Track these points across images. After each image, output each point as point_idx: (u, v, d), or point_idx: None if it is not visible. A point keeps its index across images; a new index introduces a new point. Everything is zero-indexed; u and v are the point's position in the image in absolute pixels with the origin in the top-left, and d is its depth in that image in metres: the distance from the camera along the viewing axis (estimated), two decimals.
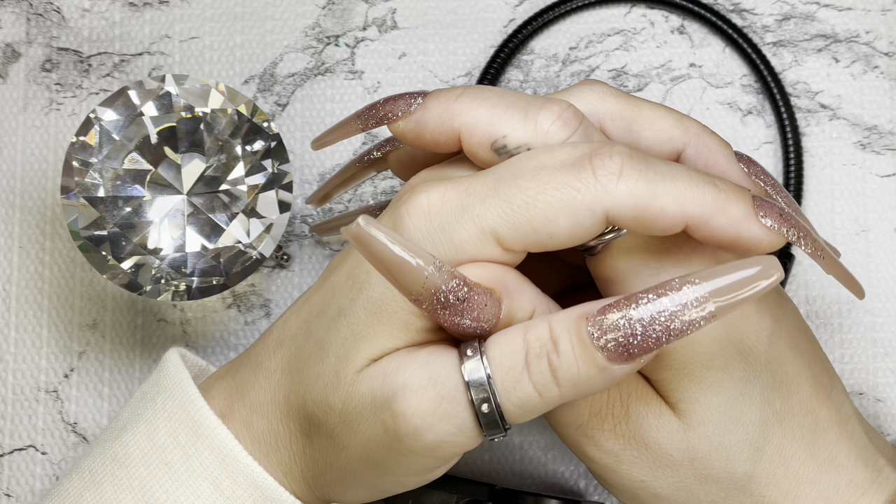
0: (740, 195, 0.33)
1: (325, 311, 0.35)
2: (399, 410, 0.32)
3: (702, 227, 0.33)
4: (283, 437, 0.36)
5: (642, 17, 0.51)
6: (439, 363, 0.33)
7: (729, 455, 0.36)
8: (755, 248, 0.33)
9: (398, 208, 0.34)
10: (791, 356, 0.36)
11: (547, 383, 0.32)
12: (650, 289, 0.31)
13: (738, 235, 0.33)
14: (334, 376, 0.34)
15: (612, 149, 0.32)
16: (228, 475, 0.36)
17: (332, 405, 0.34)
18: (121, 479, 0.37)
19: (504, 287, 0.33)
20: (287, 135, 0.50)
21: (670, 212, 0.32)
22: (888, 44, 0.50)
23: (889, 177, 0.50)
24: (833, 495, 0.36)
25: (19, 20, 0.52)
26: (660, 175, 0.32)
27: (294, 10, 0.51)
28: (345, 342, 0.34)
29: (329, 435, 0.35)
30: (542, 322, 0.32)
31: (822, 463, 0.36)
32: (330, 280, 0.36)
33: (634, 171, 0.32)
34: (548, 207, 0.32)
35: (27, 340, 0.49)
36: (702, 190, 0.32)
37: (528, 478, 0.48)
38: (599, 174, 0.32)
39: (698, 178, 0.33)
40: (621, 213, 0.32)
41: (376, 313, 0.34)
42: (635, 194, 0.32)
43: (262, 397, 0.37)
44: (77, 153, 0.44)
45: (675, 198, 0.32)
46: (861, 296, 0.37)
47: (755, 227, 0.33)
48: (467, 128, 0.35)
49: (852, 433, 0.37)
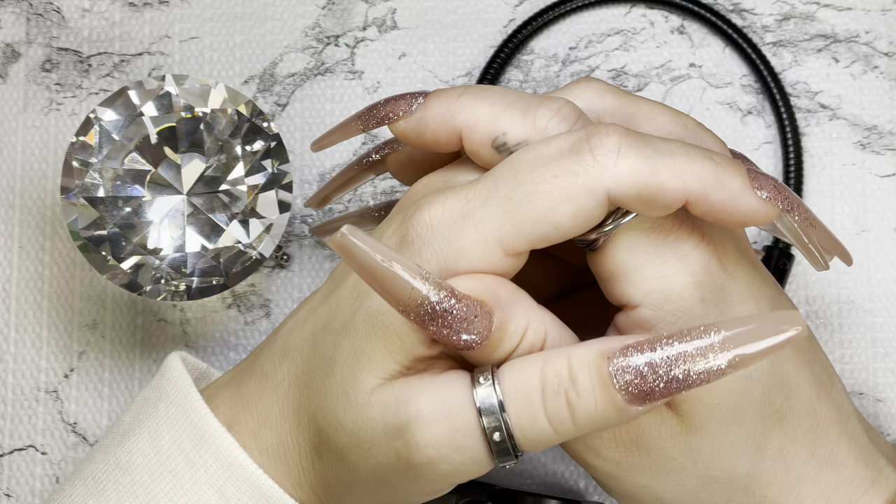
0: (736, 168, 0.33)
1: (330, 324, 0.35)
2: (413, 441, 0.32)
3: (702, 201, 0.32)
4: (292, 450, 0.36)
5: (642, 17, 0.51)
6: (452, 393, 0.32)
7: (731, 455, 0.35)
8: (752, 219, 0.33)
9: (404, 224, 0.34)
10: (791, 355, 0.36)
11: (563, 420, 0.32)
12: (674, 333, 0.31)
13: (736, 208, 0.33)
14: (343, 395, 0.34)
15: (607, 128, 0.32)
16: (233, 483, 0.36)
17: (343, 424, 0.34)
18: (124, 486, 0.37)
19: (496, 299, 0.32)
20: (287, 135, 0.50)
21: (671, 187, 0.32)
22: (888, 44, 0.50)
23: (889, 177, 0.50)
24: (834, 494, 0.36)
25: (19, 20, 0.52)
26: (658, 151, 0.32)
27: (294, 10, 0.51)
28: (347, 358, 0.34)
29: (339, 453, 0.35)
30: (559, 357, 0.32)
31: (823, 462, 0.36)
32: (336, 293, 0.36)
33: (633, 147, 0.32)
34: (548, 196, 0.32)
35: (27, 340, 0.49)
36: (700, 164, 0.32)
37: (528, 478, 0.48)
38: (598, 154, 0.32)
39: (695, 153, 0.33)
40: (623, 191, 0.32)
41: (374, 325, 0.33)
42: (635, 171, 0.32)
43: (270, 409, 0.37)
44: (77, 153, 0.44)
45: (675, 173, 0.32)
46: (849, 262, 0.37)
47: (752, 200, 0.33)
48: (468, 126, 0.35)
49: (852, 432, 0.37)
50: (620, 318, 0.35)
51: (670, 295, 0.34)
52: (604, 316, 0.43)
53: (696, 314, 0.34)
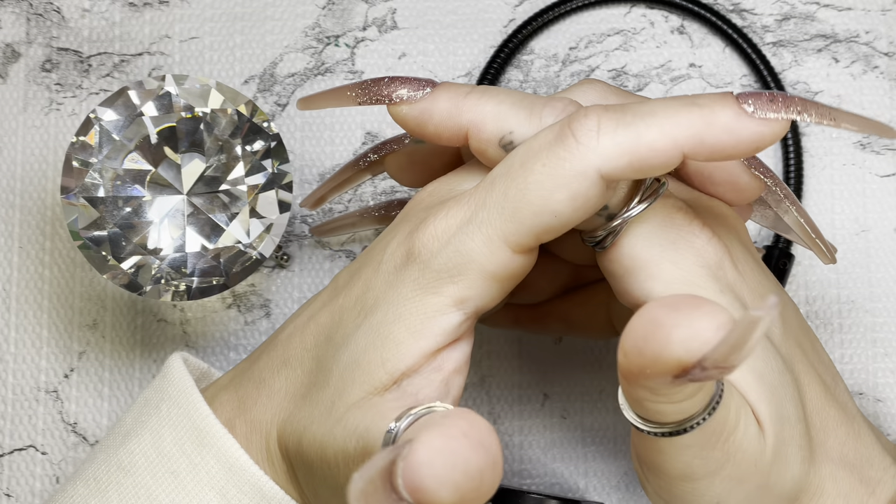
0: (724, 100, 0.31)
1: (332, 336, 0.35)
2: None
3: (699, 147, 0.31)
4: (277, 458, 0.36)
5: (642, 17, 0.51)
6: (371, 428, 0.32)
7: (786, 456, 0.34)
8: (759, 142, 0.31)
9: (410, 237, 0.34)
10: (799, 355, 0.36)
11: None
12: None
13: (737, 140, 0.31)
14: (329, 407, 0.34)
15: (586, 110, 0.32)
16: (235, 485, 0.36)
17: (315, 435, 0.34)
18: (126, 487, 0.36)
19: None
20: (287, 135, 0.50)
21: (660, 146, 0.31)
22: (888, 44, 0.50)
23: (889, 177, 0.50)
24: (851, 493, 0.36)
25: (19, 20, 0.52)
26: (638, 115, 0.32)
27: (294, 10, 0.51)
28: (344, 371, 0.34)
29: (309, 465, 0.34)
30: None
31: (837, 462, 0.36)
32: (339, 303, 0.36)
33: (612, 120, 0.32)
34: (540, 186, 0.32)
35: (27, 340, 0.49)
36: (685, 112, 0.31)
37: (528, 478, 0.48)
38: (579, 136, 0.32)
39: (677, 103, 0.32)
40: (613, 166, 0.31)
41: (376, 336, 0.33)
42: (619, 142, 0.31)
43: (262, 416, 0.37)
44: (77, 153, 0.44)
45: (660, 131, 0.31)
46: (890, 135, 0.33)
47: (750, 124, 0.31)
48: (475, 125, 0.35)
49: (859, 431, 0.37)
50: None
51: (691, 286, 0.33)
52: (605, 316, 0.43)
53: None
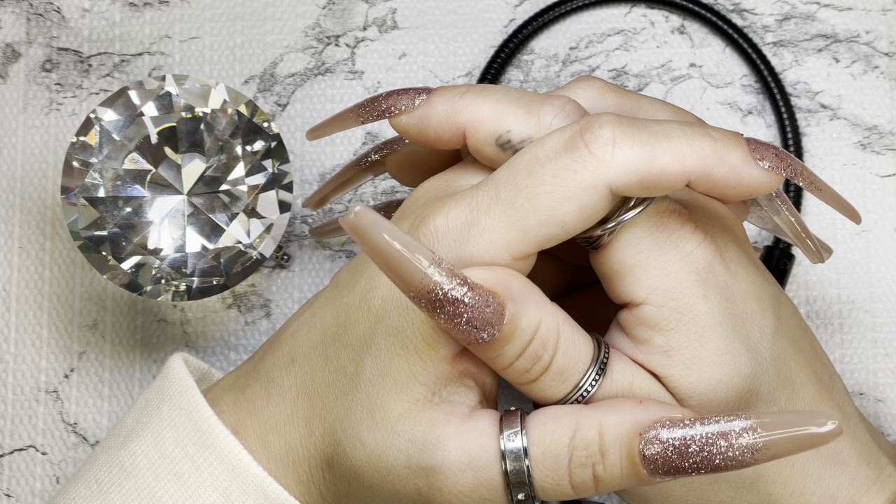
0: (736, 141, 0.33)
1: (341, 336, 0.35)
2: (436, 486, 0.33)
3: (704, 179, 0.32)
4: (301, 458, 0.36)
5: (642, 17, 0.51)
6: (479, 444, 0.33)
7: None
8: (756, 189, 0.33)
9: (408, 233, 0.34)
10: (793, 353, 0.36)
11: (587, 488, 0.32)
12: (708, 415, 0.32)
13: (739, 182, 0.33)
14: (369, 413, 0.34)
15: (600, 119, 0.32)
16: (238, 485, 0.36)
17: (364, 442, 0.34)
18: (128, 488, 0.36)
19: (509, 292, 0.32)
20: (287, 135, 0.50)
21: (672, 170, 0.32)
22: (888, 44, 0.50)
23: (889, 177, 0.50)
24: (838, 492, 0.36)
25: (19, 20, 0.52)
26: (654, 136, 0.32)
27: (294, 10, 0.51)
28: (372, 378, 0.34)
29: (354, 469, 0.35)
30: (591, 425, 0.32)
31: (827, 460, 0.36)
32: (343, 300, 0.36)
33: (628, 136, 0.32)
34: (550, 197, 0.32)
35: (27, 340, 0.49)
36: (699, 142, 0.32)
37: None
38: (593, 148, 0.32)
39: (692, 132, 0.32)
40: (624, 182, 0.32)
41: (395, 344, 0.33)
42: (634, 160, 0.32)
43: (278, 416, 0.36)
44: (77, 153, 0.44)
45: (674, 155, 0.32)
46: (858, 221, 0.37)
47: (755, 171, 0.33)
48: (472, 124, 0.35)
49: (854, 430, 0.37)
50: (623, 316, 0.35)
51: (674, 292, 0.33)
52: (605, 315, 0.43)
53: (699, 311, 0.34)
